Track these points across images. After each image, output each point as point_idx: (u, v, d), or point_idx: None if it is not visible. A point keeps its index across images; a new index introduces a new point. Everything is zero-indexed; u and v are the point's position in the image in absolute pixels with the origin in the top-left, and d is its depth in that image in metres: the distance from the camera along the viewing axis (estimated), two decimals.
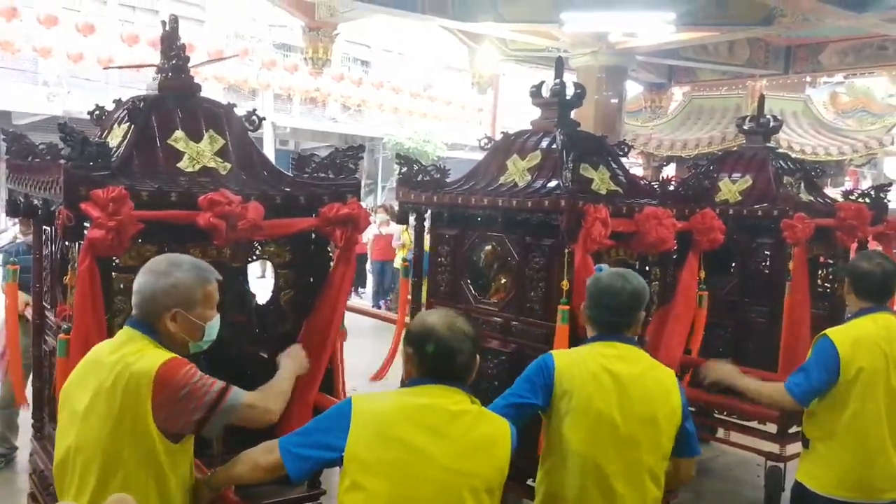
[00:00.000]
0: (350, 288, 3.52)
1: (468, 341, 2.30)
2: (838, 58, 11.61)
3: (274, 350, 3.24)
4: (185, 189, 2.99)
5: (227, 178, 3.25)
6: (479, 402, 2.34)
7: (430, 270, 4.77)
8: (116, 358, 2.26)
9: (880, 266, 3.42)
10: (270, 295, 3.57)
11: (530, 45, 11.06)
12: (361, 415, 2.24)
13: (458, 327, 2.30)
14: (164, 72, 3.45)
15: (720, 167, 5.83)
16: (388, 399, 2.32)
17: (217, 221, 2.87)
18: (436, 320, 2.31)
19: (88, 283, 2.73)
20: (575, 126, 4.46)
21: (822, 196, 5.88)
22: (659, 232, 3.94)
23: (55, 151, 3.30)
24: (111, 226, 2.71)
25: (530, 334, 4.11)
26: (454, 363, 2.28)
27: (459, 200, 4.36)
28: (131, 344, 2.31)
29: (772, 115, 6.06)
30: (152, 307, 2.34)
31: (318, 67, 10.92)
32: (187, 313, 2.37)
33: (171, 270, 2.36)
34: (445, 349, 2.27)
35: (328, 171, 3.46)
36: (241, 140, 3.44)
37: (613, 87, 10.30)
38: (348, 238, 3.30)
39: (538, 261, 4.08)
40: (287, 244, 3.42)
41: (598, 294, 2.86)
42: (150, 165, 3.17)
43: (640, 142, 13.68)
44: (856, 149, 13.50)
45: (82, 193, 2.77)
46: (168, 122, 3.28)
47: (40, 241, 3.62)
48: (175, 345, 2.39)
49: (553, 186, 4.06)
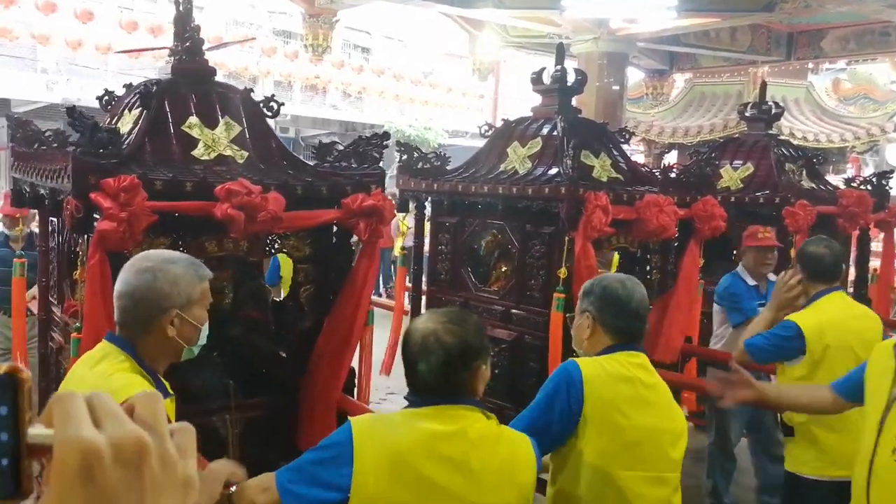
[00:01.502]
0: (374, 283, 3.32)
1: (471, 350, 2.01)
2: (840, 44, 11.55)
3: (294, 349, 3.07)
4: (201, 178, 2.83)
5: (245, 166, 3.09)
6: (494, 416, 2.07)
7: (431, 258, 4.75)
8: (93, 375, 2.05)
9: (828, 248, 3.55)
10: (289, 290, 3.41)
11: (531, 32, 11.00)
12: (367, 447, 1.95)
13: (460, 334, 2.00)
14: (177, 55, 3.26)
15: (721, 154, 5.82)
16: (397, 426, 2.01)
17: (235, 213, 2.70)
18: (432, 328, 2.01)
19: (99, 279, 2.59)
20: (576, 113, 4.44)
21: (823, 183, 5.87)
22: (660, 219, 3.93)
23: (62, 138, 3.15)
24: (123, 217, 2.55)
25: (530, 322, 4.10)
26: (459, 378, 2.01)
27: (459, 188, 4.35)
28: (105, 362, 2.08)
29: (773, 102, 6.04)
30: (148, 311, 2.10)
31: (319, 55, 10.85)
32: (186, 315, 2.14)
33: (166, 267, 2.12)
34: (447, 363, 1.98)
35: (351, 160, 3.28)
36: (258, 127, 3.27)
37: (615, 73, 10.25)
38: (373, 231, 3.13)
39: (538, 248, 4.07)
40: (307, 237, 3.25)
41: (620, 300, 2.58)
42: (164, 153, 3.00)
43: (641, 129, 13.61)
44: (858, 135, 13.44)
45: (92, 183, 2.60)
46: (182, 107, 3.11)
47: (46, 233, 3.49)
48: (165, 354, 2.18)
49: (553, 174, 4.05)
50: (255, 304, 3.39)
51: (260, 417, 3.06)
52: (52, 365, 3.51)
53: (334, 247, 3.29)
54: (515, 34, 11.61)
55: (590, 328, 2.60)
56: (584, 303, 2.63)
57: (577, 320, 2.66)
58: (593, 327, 2.59)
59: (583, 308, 2.63)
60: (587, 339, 2.61)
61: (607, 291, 2.60)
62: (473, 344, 2.02)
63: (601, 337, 2.59)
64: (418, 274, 4.87)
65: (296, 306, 3.31)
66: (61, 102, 18.92)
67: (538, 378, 4.05)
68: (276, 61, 19.75)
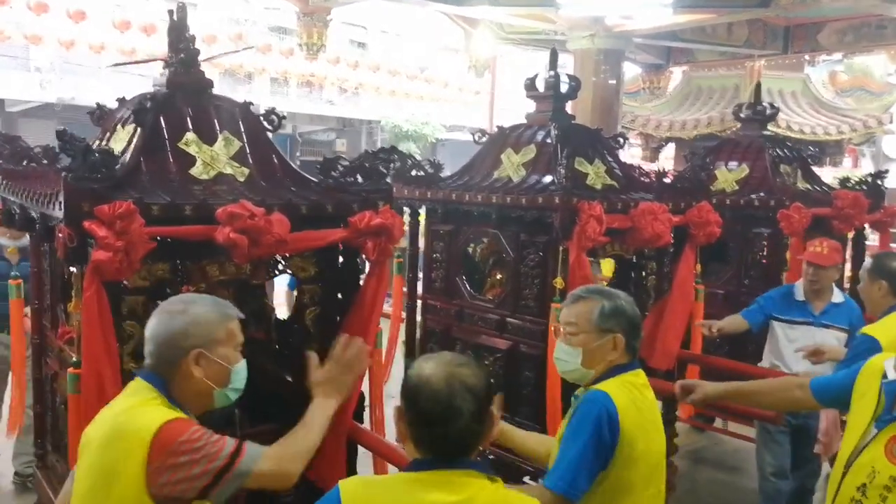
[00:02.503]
0: (383, 304, 3.19)
1: (490, 398, 1.81)
2: (837, 37, 11.50)
3: (299, 372, 2.88)
4: (200, 200, 2.69)
5: (246, 185, 2.92)
6: (499, 480, 1.83)
7: (426, 266, 4.73)
8: (119, 410, 2.04)
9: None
10: (293, 312, 3.26)
11: (527, 28, 10.95)
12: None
13: (483, 377, 1.81)
14: (172, 66, 3.10)
15: (716, 156, 5.81)
16: (396, 494, 1.76)
17: (237, 237, 2.56)
18: (450, 372, 1.78)
19: (96, 311, 2.45)
20: (570, 119, 4.41)
21: (819, 184, 5.86)
22: (655, 227, 3.91)
23: (52, 155, 3.03)
24: (119, 246, 2.41)
25: (526, 331, 4.08)
26: (478, 433, 1.79)
27: (453, 196, 4.32)
28: (136, 397, 2.06)
29: (769, 103, 6.03)
30: (170, 352, 2.07)
31: (313, 53, 10.81)
32: (210, 354, 2.09)
33: (186, 308, 2.11)
34: (476, 415, 1.77)
35: (356, 176, 3.13)
36: (259, 142, 3.10)
37: (611, 69, 10.19)
38: (381, 250, 3.00)
39: (533, 257, 4.05)
40: (313, 257, 3.08)
41: (637, 319, 2.56)
42: (160, 173, 2.83)
43: (638, 123, 13.60)
44: (855, 128, 13.40)
45: (85, 210, 2.45)
46: (178, 123, 2.94)
47: (39, 255, 3.34)
48: (197, 397, 2.12)
49: (547, 182, 4.03)
50: (258, 325, 3.26)
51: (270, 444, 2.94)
52: (47, 392, 3.39)
53: (341, 266, 3.15)
54: (511, 31, 11.56)
55: (617, 349, 2.49)
56: (609, 322, 2.48)
57: (598, 341, 2.49)
58: (622, 349, 2.50)
59: (608, 327, 2.48)
60: (606, 359, 2.50)
61: (634, 311, 2.54)
62: (491, 389, 1.84)
63: (621, 356, 2.51)
64: (413, 281, 4.86)
65: (301, 328, 3.16)
66: (55, 101, 18.90)
67: (533, 387, 4.04)
68: (272, 58, 19.69)
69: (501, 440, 2.77)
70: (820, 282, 4.34)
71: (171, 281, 2.86)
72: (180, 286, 3.02)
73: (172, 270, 2.82)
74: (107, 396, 2.35)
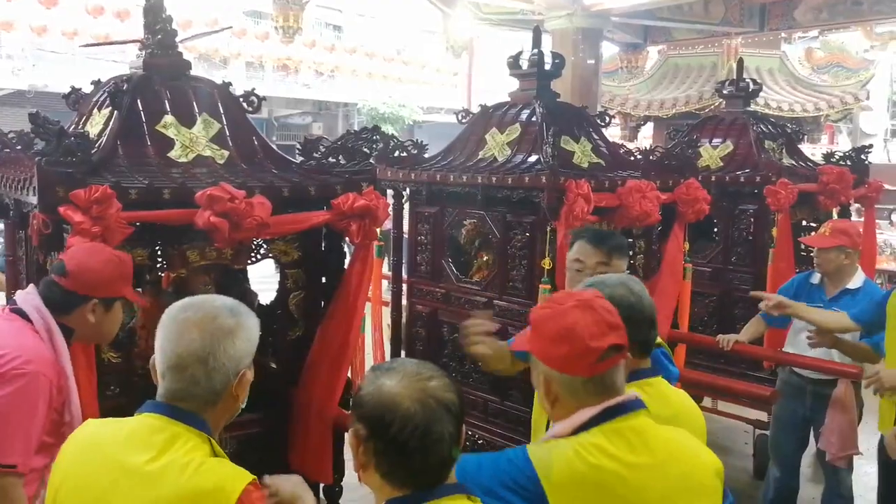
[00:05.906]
0: (368, 288, 3.15)
1: (453, 421, 1.49)
2: (813, 14, 11.49)
3: (284, 360, 2.87)
4: (179, 184, 2.64)
5: (226, 167, 2.89)
6: (478, 499, 1.55)
7: (410, 249, 4.65)
8: (161, 467, 1.57)
9: None
10: (276, 296, 3.19)
11: (505, 9, 10.87)
12: None
13: (457, 391, 1.53)
14: (148, 48, 3.05)
15: (700, 132, 5.78)
16: None
17: (218, 221, 2.52)
18: (422, 388, 1.48)
19: None
20: (554, 97, 4.35)
21: (803, 160, 5.85)
22: (643, 206, 3.86)
23: (27, 140, 2.96)
24: (96, 232, 2.36)
25: (513, 313, 4.03)
26: (444, 469, 1.50)
27: (438, 178, 4.25)
28: (179, 444, 1.60)
29: (751, 79, 5.98)
30: (225, 377, 1.67)
31: (289, 36, 10.67)
32: (250, 372, 1.77)
33: (239, 321, 1.72)
34: (429, 459, 1.47)
35: (339, 157, 3.08)
36: (238, 123, 3.06)
37: (589, 49, 10.15)
38: (366, 233, 2.96)
39: (520, 238, 3.99)
40: (296, 241, 3.04)
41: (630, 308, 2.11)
42: (138, 157, 2.78)
43: (617, 102, 13.57)
44: (832, 104, 13.47)
45: (60, 195, 2.39)
46: (156, 105, 2.90)
47: (14, 242, 3.22)
48: (224, 419, 1.76)
49: (533, 161, 3.97)
50: None
51: (254, 435, 2.89)
52: None
53: (325, 249, 3.11)
54: (489, 11, 11.46)
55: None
56: None
57: None
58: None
59: None
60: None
61: (630, 301, 2.18)
62: (463, 403, 1.55)
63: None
64: (398, 265, 4.78)
65: (285, 314, 3.10)
66: (28, 89, 18.58)
67: (522, 371, 3.98)
68: (247, 42, 19.47)
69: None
70: (823, 265, 4.23)
71: (151, 267, 2.80)
72: (160, 273, 2.95)
73: (151, 256, 2.77)
74: (81, 384, 2.31)
